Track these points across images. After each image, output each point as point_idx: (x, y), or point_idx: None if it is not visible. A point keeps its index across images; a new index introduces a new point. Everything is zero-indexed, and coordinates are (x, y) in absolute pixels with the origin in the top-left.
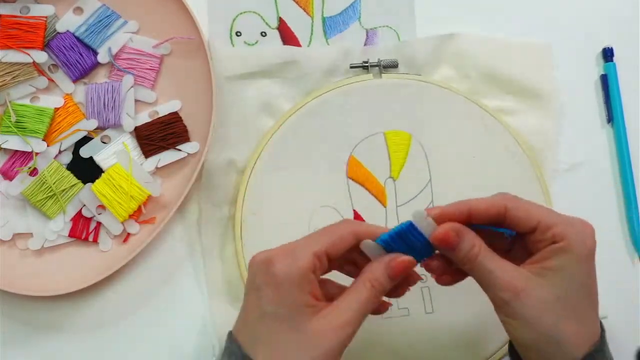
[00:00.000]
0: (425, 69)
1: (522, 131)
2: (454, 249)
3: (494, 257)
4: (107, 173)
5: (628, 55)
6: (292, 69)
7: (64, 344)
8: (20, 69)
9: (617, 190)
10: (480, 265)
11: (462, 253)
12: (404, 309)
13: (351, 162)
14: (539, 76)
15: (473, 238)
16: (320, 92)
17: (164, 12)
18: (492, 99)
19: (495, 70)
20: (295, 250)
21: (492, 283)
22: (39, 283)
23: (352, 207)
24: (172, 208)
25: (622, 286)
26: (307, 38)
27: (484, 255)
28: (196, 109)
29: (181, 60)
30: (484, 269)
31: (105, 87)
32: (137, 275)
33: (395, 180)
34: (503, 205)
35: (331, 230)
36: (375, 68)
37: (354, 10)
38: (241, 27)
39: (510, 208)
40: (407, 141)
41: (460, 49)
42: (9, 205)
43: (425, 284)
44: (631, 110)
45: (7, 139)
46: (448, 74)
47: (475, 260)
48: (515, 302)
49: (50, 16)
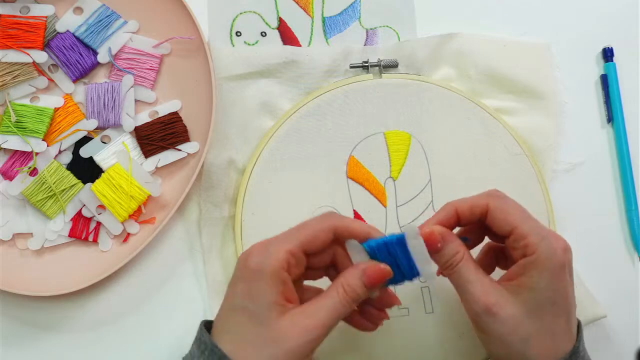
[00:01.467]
0: (425, 69)
1: (522, 131)
2: (437, 251)
3: (475, 269)
4: (107, 173)
5: (628, 55)
6: (293, 69)
7: (64, 344)
8: (20, 69)
9: (617, 190)
10: (460, 273)
11: (444, 258)
12: (404, 309)
13: (351, 162)
14: (539, 76)
15: (458, 245)
16: (320, 92)
17: (164, 12)
18: (492, 99)
19: (495, 70)
20: (269, 247)
21: (468, 293)
22: (39, 283)
23: (352, 207)
24: (172, 208)
25: (622, 286)
26: (307, 38)
27: (465, 264)
28: (196, 109)
29: (181, 60)
30: (462, 278)
31: (105, 87)
32: (137, 275)
33: (395, 180)
34: (485, 204)
35: (309, 225)
36: (375, 68)
37: (354, 10)
38: (241, 27)
39: (491, 208)
40: (407, 141)
41: (461, 49)
42: (9, 205)
43: (425, 283)
44: (631, 110)
45: (7, 139)
46: (448, 74)
47: (455, 267)
48: (487, 317)
49: (50, 16)
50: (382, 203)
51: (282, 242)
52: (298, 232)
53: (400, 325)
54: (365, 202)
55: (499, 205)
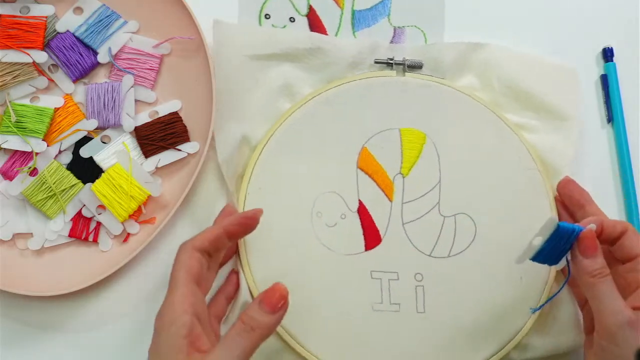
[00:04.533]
0: (449, 74)
1: (540, 149)
2: (593, 256)
3: (615, 286)
4: (107, 173)
5: (628, 55)
6: (318, 56)
7: (64, 344)
8: (20, 69)
9: (617, 190)
10: (606, 285)
11: (596, 265)
12: (396, 305)
13: (363, 153)
14: (563, 99)
15: (605, 262)
16: (342, 81)
17: (164, 12)
18: (512, 114)
19: (520, 86)
20: (172, 299)
21: (611, 305)
22: (39, 283)
23: (358, 196)
24: (172, 208)
25: None
26: (335, 29)
27: (610, 279)
28: (196, 109)
29: (181, 60)
30: (607, 290)
31: (105, 87)
32: (137, 275)
33: (405, 177)
34: (626, 228)
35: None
36: (400, 66)
37: (384, 7)
38: (271, 10)
39: (627, 234)
40: (421, 140)
41: (488, 60)
42: (9, 205)
43: (420, 282)
44: (631, 110)
45: (7, 139)
46: (471, 83)
47: (602, 277)
48: (629, 329)
49: (50, 16)
50: (388, 197)
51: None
52: (195, 240)
53: (389, 320)
54: (371, 194)
55: (635, 235)
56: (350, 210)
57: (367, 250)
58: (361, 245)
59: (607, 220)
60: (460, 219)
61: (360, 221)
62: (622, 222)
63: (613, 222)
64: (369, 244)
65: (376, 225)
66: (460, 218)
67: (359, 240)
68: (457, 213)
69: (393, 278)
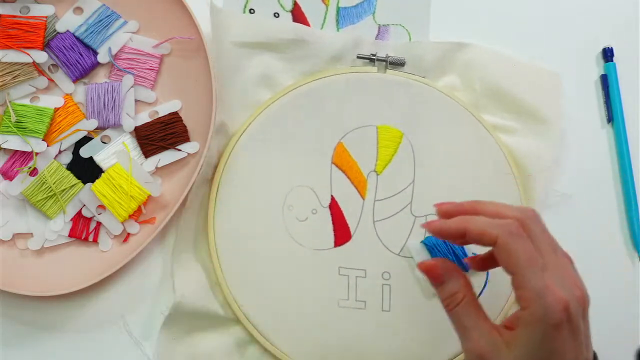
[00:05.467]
0: (431, 73)
1: (517, 152)
2: (440, 283)
3: (475, 314)
4: (107, 173)
5: (628, 55)
6: (301, 48)
7: (64, 344)
8: (20, 69)
9: (617, 190)
10: (458, 316)
11: (444, 294)
12: (361, 302)
13: (339, 148)
14: (544, 102)
15: (461, 286)
16: (322, 74)
17: (164, 12)
18: (493, 116)
19: (501, 88)
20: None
21: (463, 338)
22: (39, 283)
23: (331, 192)
24: (172, 208)
25: (622, 286)
26: (319, 25)
27: (465, 308)
28: (196, 109)
29: (181, 60)
30: (460, 322)
31: (105, 87)
32: (137, 275)
33: (379, 174)
34: (495, 237)
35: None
36: (382, 63)
37: (369, 5)
38: (255, 4)
39: (498, 244)
40: (398, 139)
41: (470, 60)
42: (9, 205)
43: (387, 281)
44: (631, 110)
45: (7, 139)
46: (453, 82)
47: (454, 308)
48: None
49: (50, 16)
50: (361, 194)
51: None
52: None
53: (354, 316)
54: (344, 190)
55: (508, 243)
56: (322, 205)
57: (336, 247)
58: (331, 241)
59: (472, 229)
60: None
61: (331, 217)
62: (493, 228)
63: (480, 231)
64: (339, 240)
65: (347, 221)
66: (432, 219)
67: (328, 236)
68: (428, 214)
69: (360, 275)
